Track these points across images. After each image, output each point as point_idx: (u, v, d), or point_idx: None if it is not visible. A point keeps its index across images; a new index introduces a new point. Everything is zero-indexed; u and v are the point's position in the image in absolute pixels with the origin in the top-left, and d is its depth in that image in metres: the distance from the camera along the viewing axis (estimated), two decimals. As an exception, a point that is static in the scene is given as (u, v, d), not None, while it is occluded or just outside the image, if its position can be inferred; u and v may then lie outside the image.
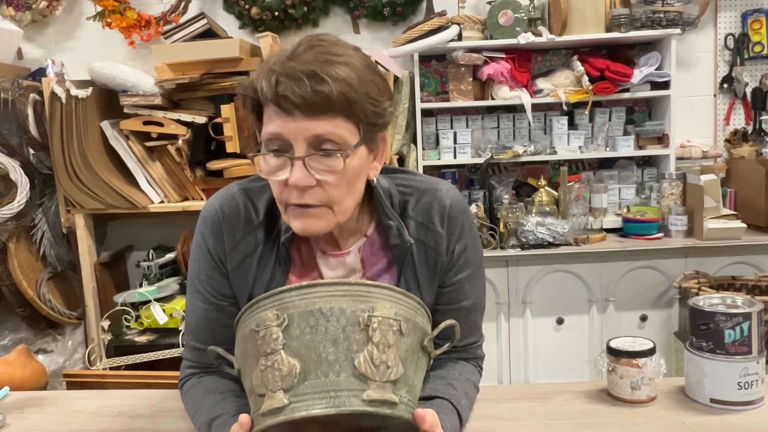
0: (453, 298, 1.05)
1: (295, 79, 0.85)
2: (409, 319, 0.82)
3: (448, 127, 2.90)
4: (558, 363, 2.66)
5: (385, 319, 0.79)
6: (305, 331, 0.77)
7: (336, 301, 0.79)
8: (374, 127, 0.93)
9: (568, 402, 1.11)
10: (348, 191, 0.93)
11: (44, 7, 2.91)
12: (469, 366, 1.08)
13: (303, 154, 0.88)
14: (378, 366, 0.77)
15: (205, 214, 1.04)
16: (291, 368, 0.76)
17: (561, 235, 2.61)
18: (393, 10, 2.90)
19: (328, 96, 0.85)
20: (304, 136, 0.87)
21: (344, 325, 0.77)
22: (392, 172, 1.07)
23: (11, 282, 2.59)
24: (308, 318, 0.78)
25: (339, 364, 0.76)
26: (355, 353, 0.77)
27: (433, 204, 1.02)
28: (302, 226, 0.93)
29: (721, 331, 1.03)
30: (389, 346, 0.78)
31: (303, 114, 0.86)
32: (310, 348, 0.77)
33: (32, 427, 1.11)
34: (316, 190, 0.90)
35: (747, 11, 2.94)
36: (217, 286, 1.03)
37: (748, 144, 2.92)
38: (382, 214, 1.01)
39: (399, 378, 0.78)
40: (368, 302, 0.80)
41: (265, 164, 0.92)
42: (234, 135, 2.53)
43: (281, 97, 0.85)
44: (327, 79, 0.85)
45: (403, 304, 0.83)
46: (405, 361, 0.80)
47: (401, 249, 1.01)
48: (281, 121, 0.87)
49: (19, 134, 2.65)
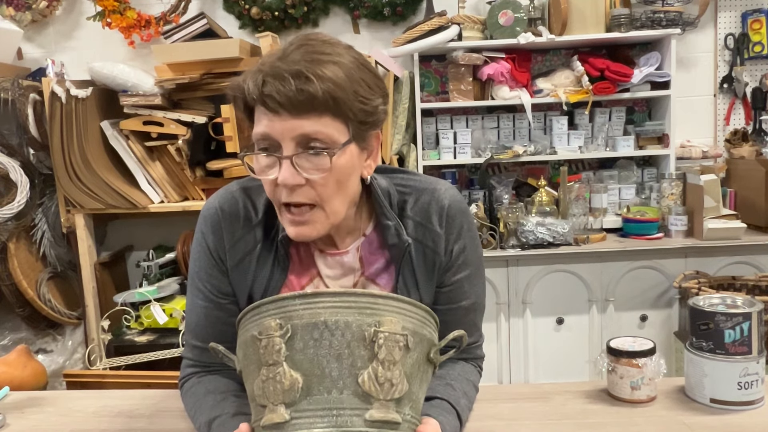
0: (452, 298, 1.05)
1: (280, 79, 0.85)
2: (416, 332, 0.80)
3: (448, 127, 2.90)
4: (558, 363, 2.66)
5: (391, 334, 0.76)
6: (309, 344, 0.75)
7: (341, 313, 0.76)
8: (364, 125, 0.93)
9: (568, 402, 1.11)
10: (338, 190, 0.93)
11: (44, 7, 2.91)
12: (469, 366, 1.08)
13: (290, 153, 0.88)
14: (382, 384, 0.75)
15: (205, 213, 1.05)
16: (293, 382, 0.75)
17: (561, 235, 2.61)
18: (393, 10, 2.90)
19: (312, 95, 0.85)
20: (291, 136, 0.88)
21: (349, 340, 0.75)
22: (391, 172, 1.07)
23: (11, 282, 2.59)
24: (312, 331, 0.76)
25: (342, 381, 0.74)
26: (360, 370, 0.75)
27: (431, 204, 1.02)
28: (296, 232, 0.94)
29: (721, 331, 1.03)
30: (394, 363, 0.76)
31: (289, 113, 0.86)
32: (313, 362, 0.75)
33: (32, 427, 1.11)
34: (305, 188, 0.90)
35: (747, 11, 2.94)
36: (218, 283, 1.04)
37: (748, 144, 2.92)
38: (381, 214, 1.01)
39: (403, 396, 0.77)
40: (374, 315, 0.77)
41: (256, 164, 0.93)
42: (234, 135, 2.53)
43: (267, 96, 0.86)
44: (312, 78, 0.85)
45: (410, 316, 0.81)
46: (410, 377, 0.78)
47: (399, 248, 1.01)
48: (269, 120, 0.88)
49: (19, 134, 2.65)
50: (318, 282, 1.04)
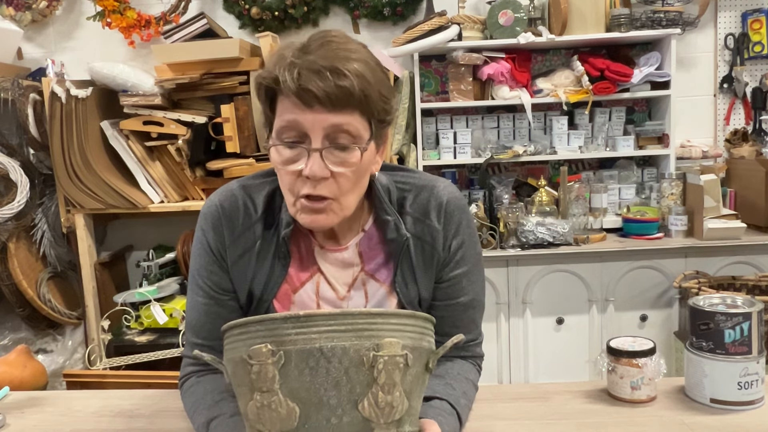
0: (450, 293, 1.05)
1: (317, 73, 0.86)
2: (415, 348, 0.77)
3: (448, 127, 2.90)
4: (558, 363, 2.66)
5: (391, 357, 0.73)
6: (304, 372, 0.72)
7: (337, 338, 0.72)
8: (383, 123, 0.95)
9: (568, 402, 1.11)
10: (355, 184, 0.95)
11: (44, 7, 2.91)
12: (468, 365, 1.08)
13: (320, 146, 0.89)
14: (383, 409, 0.73)
15: (205, 211, 1.06)
16: (290, 412, 0.72)
17: (561, 235, 2.61)
18: (393, 9, 2.90)
19: (349, 90, 0.87)
20: (322, 127, 0.89)
21: (347, 366, 0.72)
22: (391, 170, 1.08)
23: (11, 282, 2.59)
24: (307, 358, 0.72)
25: (341, 408, 0.72)
26: (359, 396, 0.72)
27: (430, 200, 1.04)
28: (310, 219, 0.94)
29: (721, 331, 1.03)
30: (395, 386, 0.73)
31: (323, 107, 0.87)
32: (310, 391, 0.72)
33: (32, 427, 1.11)
34: (328, 182, 0.91)
35: (747, 11, 2.94)
36: (218, 280, 1.04)
37: (748, 144, 2.92)
38: (380, 209, 1.02)
39: (403, 415, 0.75)
40: (373, 338, 0.73)
41: (278, 155, 0.93)
42: (234, 135, 2.53)
43: (304, 90, 0.87)
44: (348, 75, 0.87)
45: (409, 331, 0.77)
46: (410, 394, 0.76)
47: (398, 243, 1.01)
48: (301, 111, 0.89)
49: (19, 134, 2.65)
50: (318, 277, 1.04)
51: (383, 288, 1.04)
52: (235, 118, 2.53)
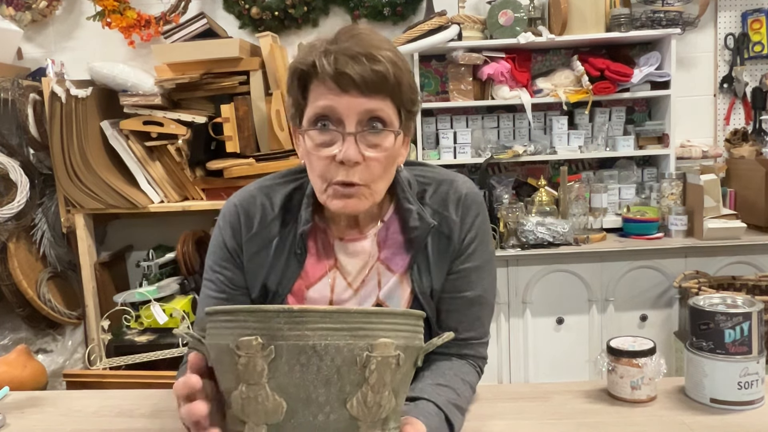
0: (457, 286, 1.06)
1: (353, 58, 0.89)
2: (407, 347, 0.76)
3: (448, 127, 2.90)
4: (558, 363, 2.66)
5: (384, 358, 0.72)
6: (295, 369, 0.71)
7: (331, 336, 0.71)
8: (410, 114, 0.98)
9: (568, 402, 1.11)
10: (385, 171, 0.97)
11: (44, 7, 2.91)
12: (467, 366, 1.07)
13: (354, 130, 0.91)
14: (371, 408, 0.73)
15: (224, 210, 1.09)
16: (277, 406, 0.71)
17: (561, 234, 2.61)
18: (393, 9, 2.90)
19: (384, 75, 0.89)
20: (357, 111, 0.91)
21: (339, 365, 0.71)
22: (411, 164, 1.11)
23: (11, 282, 2.59)
24: (299, 355, 0.71)
25: (330, 406, 0.71)
26: (348, 394, 0.71)
27: (449, 193, 1.06)
28: (342, 204, 0.95)
29: (721, 331, 1.03)
30: (384, 385, 0.73)
31: (359, 91, 0.90)
32: (299, 387, 0.71)
33: (32, 427, 1.11)
34: (361, 168, 0.93)
35: (747, 11, 2.94)
36: (230, 275, 1.07)
37: (748, 144, 2.92)
38: (403, 199, 1.04)
39: (390, 413, 0.75)
40: (367, 337, 0.72)
41: (310, 140, 0.95)
42: (234, 135, 2.53)
43: (340, 73, 0.89)
44: (383, 61, 0.89)
45: (403, 329, 0.76)
46: (398, 393, 0.76)
47: (422, 230, 1.03)
48: (335, 96, 0.91)
49: (19, 134, 2.65)
50: (334, 273, 1.05)
51: (395, 277, 1.05)
52: (235, 118, 2.53)
